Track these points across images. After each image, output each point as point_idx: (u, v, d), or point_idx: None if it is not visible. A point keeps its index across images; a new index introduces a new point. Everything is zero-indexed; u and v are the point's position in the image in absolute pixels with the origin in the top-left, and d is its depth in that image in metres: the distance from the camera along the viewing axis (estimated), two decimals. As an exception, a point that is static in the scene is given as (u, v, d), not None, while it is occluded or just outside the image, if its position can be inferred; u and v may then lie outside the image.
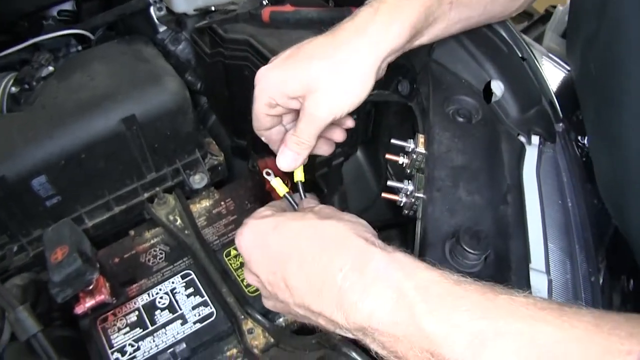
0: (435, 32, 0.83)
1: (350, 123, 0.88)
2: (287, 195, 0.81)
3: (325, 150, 0.87)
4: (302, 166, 0.82)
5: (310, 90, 0.75)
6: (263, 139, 0.86)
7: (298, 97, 0.77)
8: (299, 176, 0.82)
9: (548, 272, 0.72)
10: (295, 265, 0.63)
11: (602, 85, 0.74)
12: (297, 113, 0.81)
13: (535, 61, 0.90)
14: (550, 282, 0.71)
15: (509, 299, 0.53)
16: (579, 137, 0.93)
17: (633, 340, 0.46)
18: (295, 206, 0.80)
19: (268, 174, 0.82)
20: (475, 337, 0.50)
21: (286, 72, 0.77)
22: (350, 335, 0.61)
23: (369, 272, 0.58)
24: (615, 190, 0.76)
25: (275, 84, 0.78)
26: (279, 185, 0.81)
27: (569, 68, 1.26)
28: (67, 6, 1.40)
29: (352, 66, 0.76)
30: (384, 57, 0.77)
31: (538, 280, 0.70)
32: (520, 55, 0.90)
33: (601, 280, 0.77)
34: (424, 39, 0.82)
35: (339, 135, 0.88)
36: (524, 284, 0.69)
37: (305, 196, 0.82)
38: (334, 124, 0.82)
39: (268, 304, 0.74)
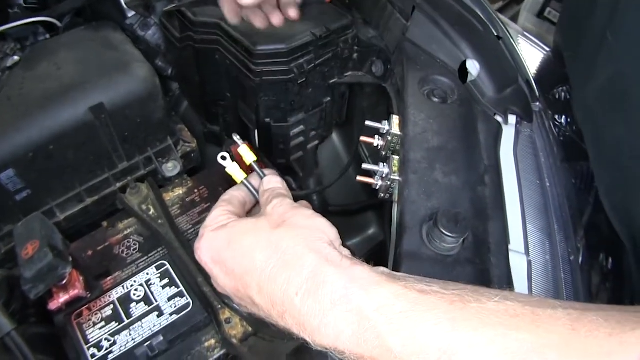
0: None
1: (293, 14, 0.96)
2: (245, 182, 0.80)
3: (259, 21, 0.93)
4: (249, 147, 0.81)
5: None
6: None
7: None
8: (250, 158, 0.81)
9: (527, 253, 0.72)
10: (256, 286, 0.62)
11: None
12: None
13: (511, 40, 0.90)
14: (529, 263, 0.71)
15: (478, 307, 0.50)
16: (556, 116, 0.93)
17: (612, 341, 0.44)
18: (256, 194, 0.80)
19: (223, 158, 0.80)
20: (444, 353, 0.49)
21: None
22: None
23: (325, 297, 0.56)
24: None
25: None
26: (236, 171, 0.80)
27: (545, 47, 1.26)
28: (34, -7, 1.36)
29: None
30: None
31: (517, 262, 0.70)
32: (495, 34, 0.89)
33: (580, 260, 0.77)
34: None
35: (276, 18, 0.93)
36: (503, 265, 0.69)
37: (264, 174, 0.81)
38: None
39: (242, 310, 0.75)
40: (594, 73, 0.81)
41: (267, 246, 0.63)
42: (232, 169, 0.79)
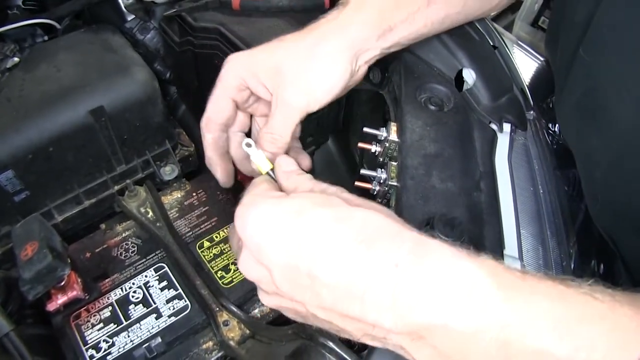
0: (413, 29, 0.82)
1: (307, 163, 0.85)
2: (270, 173, 0.72)
3: None
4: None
5: (281, 74, 0.73)
6: (203, 139, 0.81)
7: (268, 83, 0.75)
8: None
9: (521, 257, 0.73)
10: (334, 261, 0.53)
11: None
12: (249, 120, 0.82)
13: (507, 49, 0.91)
14: (523, 267, 0.72)
15: (578, 286, 0.50)
16: (550, 125, 0.94)
17: None
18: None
19: (248, 145, 0.73)
20: (559, 322, 0.47)
21: (256, 54, 0.76)
22: (388, 343, 0.55)
23: (433, 265, 0.51)
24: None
25: (244, 63, 0.76)
26: (261, 161, 0.72)
27: (539, 56, 1.28)
28: (32, -5, 1.37)
29: (323, 49, 0.75)
30: (354, 44, 0.76)
31: (512, 266, 0.71)
32: (491, 44, 0.91)
33: (572, 265, 0.78)
34: (401, 36, 0.82)
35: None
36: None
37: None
38: (298, 151, 0.82)
39: (270, 302, 0.64)
40: (568, 86, 0.82)
41: (352, 220, 0.55)
42: (258, 158, 0.72)
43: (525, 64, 1.28)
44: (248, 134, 0.88)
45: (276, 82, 0.74)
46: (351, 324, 0.55)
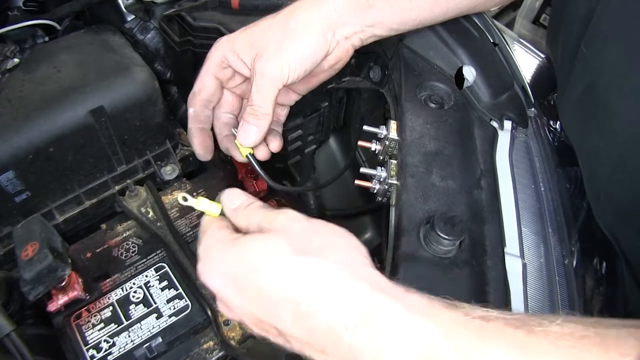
0: (394, 10, 0.83)
1: (276, 145, 0.89)
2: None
3: (262, 154, 0.86)
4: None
5: (257, 48, 0.77)
6: (188, 113, 0.87)
7: (246, 59, 0.79)
8: (245, 150, 0.78)
9: (522, 256, 0.73)
10: (290, 318, 0.55)
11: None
12: (240, 103, 0.87)
13: (507, 46, 0.91)
14: (524, 265, 0.72)
15: (544, 331, 0.47)
16: (551, 122, 0.94)
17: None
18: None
19: (185, 199, 0.71)
20: None
21: (237, 34, 0.82)
22: None
23: (382, 328, 0.51)
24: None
25: (225, 43, 0.82)
26: (208, 206, 0.70)
27: (540, 53, 1.27)
28: (33, -4, 1.37)
29: (295, 20, 0.78)
30: (328, 16, 0.78)
31: (513, 264, 0.71)
32: (492, 41, 0.91)
33: (574, 263, 0.78)
34: (383, 15, 0.82)
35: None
36: (499, 268, 0.70)
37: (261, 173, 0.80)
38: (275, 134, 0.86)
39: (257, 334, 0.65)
40: (571, 83, 0.82)
41: (302, 274, 0.55)
42: (203, 206, 0.70)
43: (526, 61, 1.27)
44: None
45: (252, 56, 0.77)
46: None
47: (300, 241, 0.59)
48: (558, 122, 1.00)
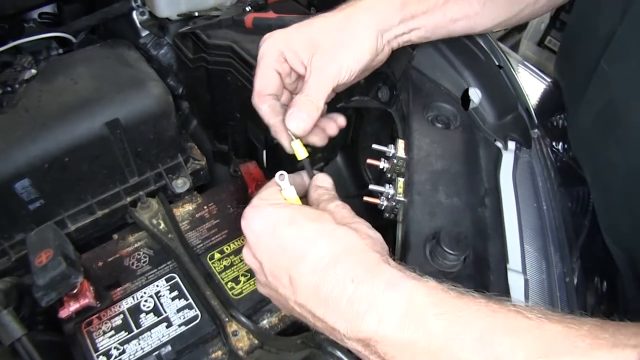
0: (431, 22, 0.87)
1: (342, 121, 0.90)
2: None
3: (319, 140, 0.88)
4: (302, 143, 0.80)
5: (315, 46, 0.80)
6: (260, 111, 0.84)
7: (304, 57, 0.81)
8: (302, 154, 0.79)
9: (525, 272, 0.75)
10: (308, 268, 0.62)
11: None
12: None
13: (512, 69, 0.93)
14: (526, 281, 0.73)
15: (515, 308, 0.54)
16: (554, 143, 0.96)
17: (638, 338, 0.47)
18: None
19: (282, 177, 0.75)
20: (484, 333, 0.52)
21: (291, 31, 0.83)
22: (346, 344, 0.62)
23: (380, 284, 0.58)
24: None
25: (282, 39, 0.83)
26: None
27: (544, 76, 1.30)
28: (48, 9, 1.40)
29: (353, 25, 0.82)
30: (379, 22, 0.82)
31: (515, 280, 0.73)
32: (497, 63, 0.93)
33: (576, 281, 0.80)
34: (421, 24, 0.86)
35: (332, 129, 0.89)
36: (502, 283, 0.72)
37: (314, 173, 0.81)
38: (330, 117, 0.88)
39: (262, 290, 0.74)
40: (588, 99, 0.84)
41: (331, 237, 0.63)
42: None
43: (530, 83, 1.29)
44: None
45: (311, 54, 0.80)
46: (319, 323, 0.63)
47: (343, 219, 0.68)
48: (561, 143, 1.02)
